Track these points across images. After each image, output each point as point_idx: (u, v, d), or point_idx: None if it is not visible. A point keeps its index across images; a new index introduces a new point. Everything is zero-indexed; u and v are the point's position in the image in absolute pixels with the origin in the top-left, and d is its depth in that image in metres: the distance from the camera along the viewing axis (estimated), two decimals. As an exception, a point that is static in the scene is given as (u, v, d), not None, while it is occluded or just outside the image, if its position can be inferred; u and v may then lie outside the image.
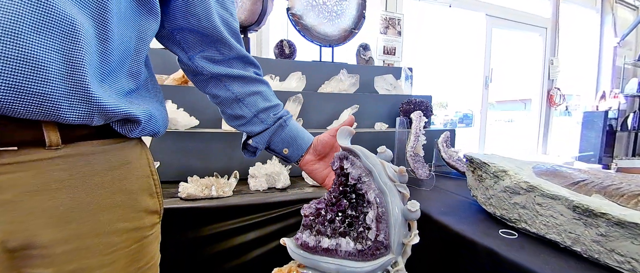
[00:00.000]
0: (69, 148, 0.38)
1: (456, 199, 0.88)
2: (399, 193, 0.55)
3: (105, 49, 0.38)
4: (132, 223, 0.45)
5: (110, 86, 0.40)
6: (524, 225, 0.63)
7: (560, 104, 3.30)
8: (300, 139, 0.57)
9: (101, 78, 0.39)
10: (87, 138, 0.40)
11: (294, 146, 0.57)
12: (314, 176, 0.58)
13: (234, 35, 0.55)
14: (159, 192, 0.51)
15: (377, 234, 0.52)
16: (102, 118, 0.39)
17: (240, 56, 0.55)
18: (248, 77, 0.56)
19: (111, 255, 0.41)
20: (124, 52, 0.42)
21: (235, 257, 0.89)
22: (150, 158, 0.51)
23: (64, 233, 0.37)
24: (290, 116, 0.59)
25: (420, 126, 0.97)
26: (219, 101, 0.57)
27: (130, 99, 0.44)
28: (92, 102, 0.36)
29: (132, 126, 0.44)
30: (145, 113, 0.45)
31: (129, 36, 0.42)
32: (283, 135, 0.56)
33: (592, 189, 0.63)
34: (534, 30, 3.29)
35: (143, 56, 0.47)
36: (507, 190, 0.66)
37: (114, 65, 0.40)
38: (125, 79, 0.44)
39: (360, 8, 1.61)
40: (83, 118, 0.36)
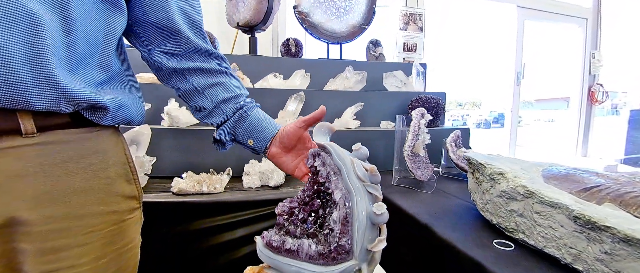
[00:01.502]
0: (44, 136, 0.41)
1: (455, 203, 0.81)
2: (368, 194, 0.50)
3: (70, 41, 0.41)
4: (109, 207, 0.48)
5: (80, 76, 0.43)
6: (522, 235, 0.56)
7: (603, 101, 2.99)
8: (264, 130, 0.55)
9: (70, 68, 0.42)
10: (62, 126, 0.43)
11: (257, 138, 0.55)
12: (283, 169, 0.56)
13: (193, 28, 0.54)
14: (136, 179, 0.54)
15: (340, 237, 0.48)
16: (70, 104, 0.41)
17: (201, 49, 0.55)
18: (209, 69, 0.55)
19: (87, 235, 0.44)
20: (92, 45, 0.44)
21: (224, 252, 0.88)
22: (126, 147, 0.54)
23: (41, 214, 0.40)
24: (254, 106, 0.57)
25: (420, 124, 0.90)
26: (180, 93, 0.57)
27: (100, 89, 0.46)
28: (58, 89, 0.39)
29: (101, 114, 0.46)
30: (113, 101, 0.47)
31: (95, 30, 0.44)
32: (245, 126, 0.55)
33: (606, 196, 0.55)
34: (572, 21, 3.01)
35: (112, 49, 0.48)
36: (504, 194, 0.59)
37: (82, 55, 0.43)
38: (95, 70, 0.46)
39: (370, 3, 1.55)
40: (51, 104, 0.39)
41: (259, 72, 1.36)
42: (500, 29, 3.19)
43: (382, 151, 1.21)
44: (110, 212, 0.48)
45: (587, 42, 2.99)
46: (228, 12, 1.49)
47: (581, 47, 3.03)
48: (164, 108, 1.14)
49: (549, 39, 3.63)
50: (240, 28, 1.48)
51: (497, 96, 2.96)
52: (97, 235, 0.46)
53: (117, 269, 0.49)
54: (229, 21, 1.50)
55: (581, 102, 3.09)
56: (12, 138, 0.38)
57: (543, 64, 5.57)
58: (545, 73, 6.46)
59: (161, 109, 1.15)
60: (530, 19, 2.95)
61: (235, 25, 1.47)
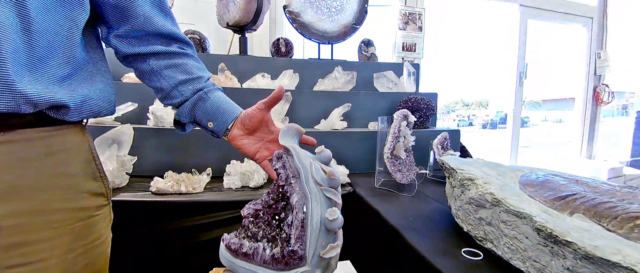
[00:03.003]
0: (8, 134, 0.42)
1: (433, 208, 0.79)
2: (326, 199, 0.49)
3: (30, 39, 0.41)
4: (75, 203, 0.49)
5: (41, 74, 0.43)
6: (490, 244, 0.54)
7: (609, 102, 2.91)
8: (225, 112, 0.55)
9: (30, 67, 0.42)
10: (25, 125, 0.43)
11: (218, 120, 0.54)
12: (243, 152, 0.56)
13: (155, 7, 0.54)
14: (103, 176, 0.54)
15: (295, 242, 0.47)
16: (29, 106, 0.42)
17: (162, 33, 0.54)
18: (167, 52, 0.55)
19: (54, 230, 0.45)
20: (53, 40, 0.44)
21: (201, 253, 0.88)
22: (92, 145, 0.54)
23: (5, 211, 0.41)
24: (214, 89, 0.56)
25: (401, 126, 0.88)
26: (138, 73, 0.57)
27: (62, 85, 0.47)
28: (15, 91, 0.39)
29: (64, 111, 0.46)
30: (75, 98, 0.47)
31: (56, 24, 0.44)
32: (205, 108, 0.54)
33: (579, 206, 0.52)
34: (577, 21, 2.93)
35: (77, 41, 0.48)
36: (472, 201, 0.57)
37: (43, 52, 0.43)
38: (59, 65, 0.46)
39: (362, 2, 1.53)
40: (10, 106, 0.40)
41: (248, 72, 1.35)
42: (502, 28, 3.12)
43: (367, 154, 1.19)
44: (76, 208, 0.49)
45: (593, 42, 2.91)
46: (218, 12, 1.49)
47: (586, 47, 2.96)
48: (149, 107, 1.14)
49: (553, 38, 3.55)
50: (231, 28, 1.48)
51: (504, 96, 2.92)
52: (64, 231, 0.47)
53: (86, 264, 0.50)
54: (219, 21, 1.50)
55: (586, 103, 3.02)
56: None
57: (549, 64, 5.46)
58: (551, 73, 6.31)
59: (147, 108, 1.15)
60: (533, 18, 2.88)
61: (225, 25, 1.47)
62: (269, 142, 0.56)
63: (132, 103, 1.17)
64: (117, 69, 1.24)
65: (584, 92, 3.01)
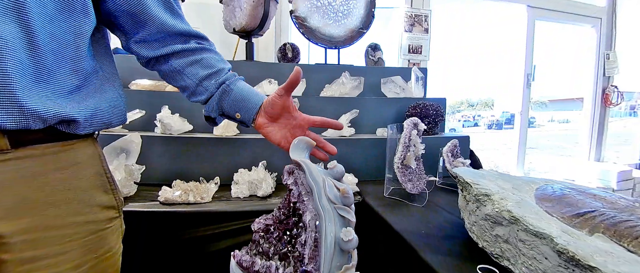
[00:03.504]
0: (20, 151, 0.42)
1: (446, 220, 0.78)
2: (340, 218, 0.48)
3: (35, 52, 0.41)
4: (86, 217, 0.49)
5: (49, 87, 0.43)
6: (507, 262, 0.53)
7: (619, 103, 2.86)
8: (249, 102, 0.56)
9: (37, 81, 0.42)
10: (36, 141, 0.44)
11: (243, 110, 0.56)
12: (269, 139, 0.57)
13: (168, 10, 0.55)
14: (114, 188, 0.55)
15: (308, 262, 0.46)
16: (39, 122, 0.42)
17: (178, 32, 0.55)
18: (188, 49, 0.56)
19: (65, 245, 0.46)
20: (60, 53, 0.44)
21: (210, 264, 0.87)
22: (103, 158, 0.55)
23: (18, 226, 0.42)
24: (236, 79, 0.57)
25: (412, 135, 0.87)
26: (162, 75, 0.58)
27: (72, 97, 0.47)
28: (24, 108, 0.39)
29: (75, 125, 0.47)
30: (85, 112, 0.48)
31: (62, 36, 0.44)
32: (231, 99, 0.56)
33: (599, 224, 0.51)
34: (585, 22, 2.89)
35: (84, 51, 0.49)
36: (489, 218, 0.56)
37: (50, 65, 0.43)
38: (67, 76, 0.46)
39: (369, 6, 1.52)
40: (20, 123, 0.40)
41: (255, 78, 1.35)
42: (510, 29, 3.09)
43: (375, 161, 1.18)
44: (87, 222, 0.49)
45: (601, 43, 2.87)
46: (225, 18, 1.49)
47: (594, 47, 2.91)
48: (157, 115, 1.14)
49: (561, 39, 3.51)
50: (237, 33, 1.47)
51: (510, 97, 2.88)
52: (75, 244, 0.47)
53: None
54: (225, 27, 1.49)
55: (594, 104, 2.97)
56: None
57: (556, 65, 5.40)
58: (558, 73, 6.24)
59: (154, 116, 1.15)
60: (541, 20, 2.85)
61: (232, 31, 1.46)
62: (293, 128, 0.57)
63: (139, 110, 1.17)
64: (124, 76, 1.24)
65: (593, 94, 2.97)
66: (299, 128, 0.57)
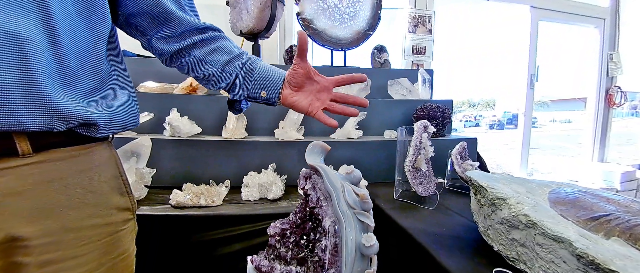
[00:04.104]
0: (41, 155, 0.42)
1: (458, 222, 0.78)
2: (359, 223, 0.49)
3: (60, 54, 0.42)
4: (103, 219, 0.50)
5: (72, 88, 0.44)
6: (523, 266, 0.53)
7: (622, 104, 2.86)
8: (274, 76, 0.58)
9: (61, 82, 0.43)
10: (57, 145, 0.44)
11: (269, 86, 0.57)
12: (297, 108, 0.59)
13: (183, 8, 0.58)
14: (129, 191, 0.56)
15: (329, 268, 0.47)
16: (63, 123, 0.43)
17: (195, 27, 0.58)
18: (205, 39, 0.58)
19: (83, 247, 0.46)
20: (81, 54, 0.46)
21: (221, 267, 0.88)
22: (119, 161, 0.56)
23: (39, 229, 0.42)
24: (257, 59, 0.60)
25: (423, 138, 0.88)
26: (185, 68, 0.60)
27: (92, 99, 0.48)
28: (49, 109, 0.40)
29: (94, 129, 0.48)
30: (103, 115, 0.49)
31: (83, 37, 0.46)
32: (255, 79, 0.57)
33: (614, 228, 0.51)
34: (589, 22, 2.89)
35: (103, 54, 0.50)
36: (505, 222, 0.56)
37: (73, 67, 0.44)
38: (87, 79, 0.47)
39: (375, 9, 1.53)
40: (44, 125, 0.41)
41: (261, 80, 1.35)
42: (513, 29, 3.09)
43: (384, 163, 1.18)
44: (104, 224, 0.50)
45: (604, 43, 2.87)
46: (232, 20, 1.49)
47: (598, 48, 2.92)
48: (165, 118, 1.15)
49: (564, 39, 3.51)
50: (244, 36, 1.48)
51: (511, 97, 2.83)
52: (93, 246, 0.48)
53: None
54: (232, 29, 1.50)
55: (598, 105, 2.98)
56: (8, 159, 0.40)
57: (559, 65, 5.39)
58: (561, 74, 6.23)
59: (163, 119, 1.15)
60: (544, 20, 2.85)
61: (239, 33, 1.47)
62: (318, 92, 0.59)
63: (148, 113, 1.18)
64: (132, 79, 1.25)
65: (596, 95, 2.97)
66: (324, 91, 0.59)
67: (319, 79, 0.58)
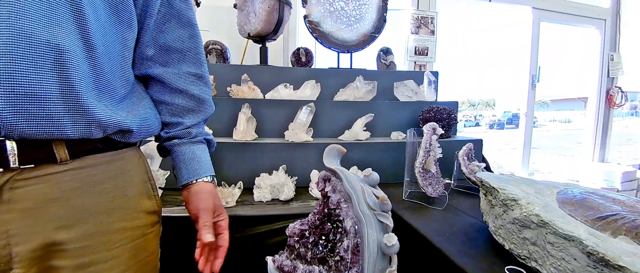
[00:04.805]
0: (77, 161, 0.44)
1: (468, 222, 0.80)
2: (379, 223, 0.51)
3: (94, 62, 0.43)
4: (133, 222, 0.51)
5: (107, 96, 0.46)
6: (534, 264, 0.55)
7: (622, 104, 2.89)
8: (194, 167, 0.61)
9: (98, 89, 0.45)
10: (93, 151, 0.46)
11: (183, 170, 0.61)
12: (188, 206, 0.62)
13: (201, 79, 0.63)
14: (156, 194, 0.58)
15: (351, 267, 0.49)
16: (100, 130, 0.45)
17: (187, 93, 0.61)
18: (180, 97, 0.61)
19: (115, 250, 0.48)
20: (112, 62, 0.47)
21: (236, 267, 0.90)
22: (147, 165, 0.58)
23: (76, 234, 0.44)
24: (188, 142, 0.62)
25: (432, 140, 0.90)
26: (154, 89, 0.61)
27: (124, 106, 0.50)
28: (89, 117, 0.42)
29: (129, 135, 0.50)
30: (136, 121, 0.51)
31: (114, 46, 0.47)
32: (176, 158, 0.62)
33: (621, 227, 0.53)
34: (590, 23, 2.92)
35: (129, 61, 0.52)
36: (516, 222, 0.58)
37: (107, 76, 0.46)
38: (119, 86, 0.49)
39: (381, 11, 1.55)
40: (83, 132, 0.43)
41: (269, 82, 1.38)
42: (515, 30, 3.11)
43: (392, 164, 1.20)
44: (134, 227, 0.52)
45: (605, 44, 2.90)
46: (239, 23, 1.51)
47: (599, 49, 2.94)
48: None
49: (565, 40, 3.53)
50: (252, 38, 1.50)
51: (512, 96, 2.84)
52: (124, 249, 0.50)
53: None
54: (240, 32, 1.52)
55: (599, 106, 3.00)
56: (47, 166, 0.42)
57: (559, 65, 5.42)
58: (561, 74, 6.26)
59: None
60: (546, 21, 2.87)
61: (246, 35, 1.49)
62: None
63: (160, 115, 1.20)
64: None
65: (597, 95, 3.00)
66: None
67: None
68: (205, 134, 0.64)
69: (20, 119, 0.37)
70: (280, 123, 1.26)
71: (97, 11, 0.43)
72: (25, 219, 0.40)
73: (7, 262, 0.39)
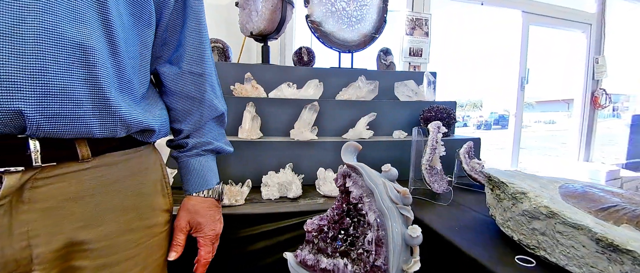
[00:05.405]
0: (97, 159, 0.44)
1: (473, 217, 0.83)
2: (401, 216, 0.53)
3: (118, 61, 0.43)
4: (150, 220, 0.51)
5: (128, 94, 0.46)
6: (543, 252, 0.58)
7: (606, 106, 3.01)
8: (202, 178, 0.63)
9: (121, 90, 0.44)
10: (113, 149, 0.46)
11: (192, 181, 0.63)
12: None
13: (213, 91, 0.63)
14: (169, 192, 0.57)
15: (376, 258, 0.51)
16: (125, 129, 0.44)
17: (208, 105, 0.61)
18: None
19: (134, 249, 0.48)
20: (133, 60, 0.47)
21: (245, 265, 0.90)
22: (163, 162, 0.57)
23: (97, 233, 0.43)
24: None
25: (438, 137, 0.93)
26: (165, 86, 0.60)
27: (144, 105, 0.50)
28: (115, 116, 0.42)
29: (149, 134, 0.50)
30: (157, 120, 0.51)
31: (134, 44, 0.47)
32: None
33: (622, 217, 0.57)
34: (576, 27, 3.03)
35: (148, 61, 0.52)
36: (526, 213, 0.61)
37: (129, 75, 0.45)
38: (139, 86, 0.49)
39: (381, 12, 1.58)
40: (110, 131, 0.42)
41: (272, 81, 1.39)
42: (505, 33, 3.20)
43: (395, 161, 1.22)
44: (151, 226, 0.51)
45: (591, 48, 3.02)
46: (241, 21, 1.52)
47: (585, 52, 3.06)
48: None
49: (552, 43, 3.66)
50: (254, 37, 1.51)
51: (498, 98, 2.93)
52: (142, 248, 0.49)
53: None
54: (242, 30, 1.52)
55: (584, 107, 3.12)
56: (69, 164, 0.41)
57: (545, 68, 5.60)
58: (547, 76, 6.48)
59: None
60: (534, 25, 2.97)
61: (249, 34, 1.49)
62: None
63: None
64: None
65: (582, 96, 3.11)
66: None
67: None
68: (206, 145, 0.62)
69: (48, 119, 0.36)
70: (284, 121, 1.27)
71: (119, 9, 0.43)
72: (46, 219, 0.39)
73: (27, 263, 0.38)
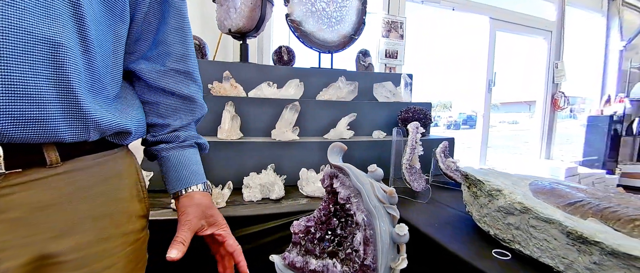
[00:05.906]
0: (68, 164, 0.40)
1: (451, 214, 0.87)
2: (388, 215, 0.54)
3: (89, 58, 0.40)
4: (127, 227, 0.48)
5: (100, 94, 0.42)
6: (518, 246, 0.62)
7: (565, 107, 3.26)
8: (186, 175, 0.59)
9: (92, 91, 0.41)
10: (82, 153, 0.42)
11: (172, 180, 0.59)
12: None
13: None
14: (145, 197, 0.54)
15: (365, 257, 0.52)
16: (98, 132, 0.41)
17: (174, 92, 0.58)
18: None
19: (111, 258, 0.45)
20: (105, 57, 0.43)
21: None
22: (138, 165, 0.54)
23: (68, 244, 0.40)
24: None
25: (417, 138, 0.96)
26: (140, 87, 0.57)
27: (118, 106, 0.47)
28: (87, 118, 0.39)
29: (126, 136, 0.47)
30: (132, 122, 0.48)
31: (106, 40, 0.43)
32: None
33: (588, 211, 0.62)
34: (538, 34, 3.25)
35: (121, 57, 0.48)
36: (501, 209, 0.65)
37: (100, 72, 0.42)
38: (111, 85, 0.45)
39: (360, 14, 1.60)
40: (81, 135, 0.39)
41: (251, 80, 1.36)
42: (474, 38, 3.37)
43: (375, 161, 1.24)
44: (127, 233, 0.48)
45: (551, 53, 3.24)
46: (218, 18, 1.47)
47: (545, 57, 3.29)
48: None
49: (516, 48, 3.89)
50: (232, 34, 1.47)
51: (467, 99, 3.09)
52: (119, 257, 0.46)
53: None
54: (219, 27, 1.48)
55: (545, 108, 3.35)
56: (36, 170, 0.37)
57: (509, 71, 5.98)
58: (511, 79, 6.93)
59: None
60: (501, 30, 3.15)
61: (227, 31, 1.46)
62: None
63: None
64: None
65: (543, 99, 3.35)
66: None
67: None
68: (196, 138, 0.60)
69: (13, 123, 0.33)
70: (265, 121, 1.25)
71: (92, 2, 0.39)
72: (15, 230, 0.36)
73: None
